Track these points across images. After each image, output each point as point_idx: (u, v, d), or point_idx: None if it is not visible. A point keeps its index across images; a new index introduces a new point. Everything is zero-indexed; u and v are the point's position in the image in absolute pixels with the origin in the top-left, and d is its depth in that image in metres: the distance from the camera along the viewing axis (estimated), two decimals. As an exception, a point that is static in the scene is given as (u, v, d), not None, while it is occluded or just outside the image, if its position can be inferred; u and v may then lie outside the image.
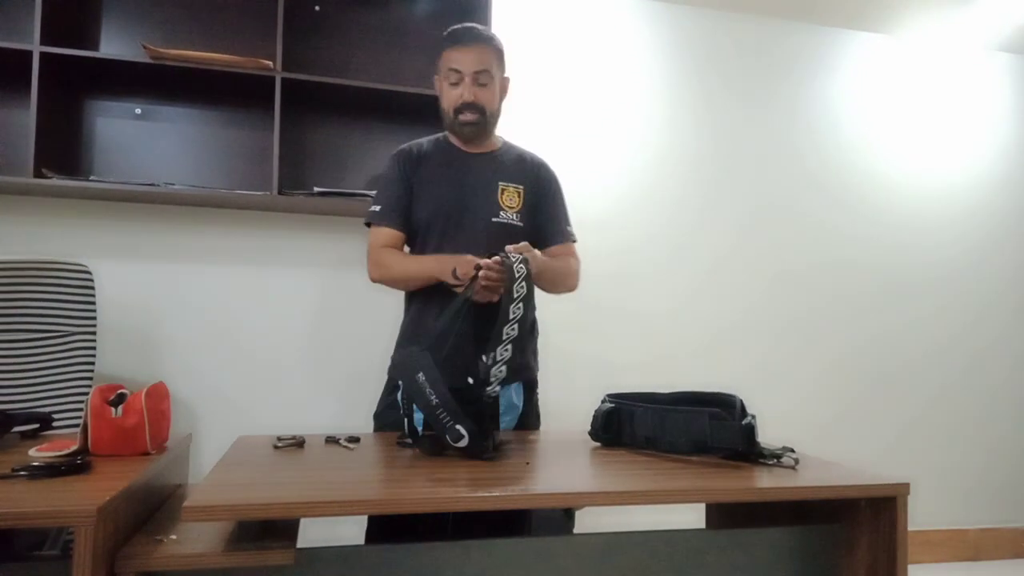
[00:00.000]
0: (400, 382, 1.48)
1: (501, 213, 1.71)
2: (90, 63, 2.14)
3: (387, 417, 1.70)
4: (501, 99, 1.78)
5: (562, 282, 1.78)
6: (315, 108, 2.42)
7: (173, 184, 2.24)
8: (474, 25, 1.71)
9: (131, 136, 2.32)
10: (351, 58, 2.47)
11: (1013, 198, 3.35)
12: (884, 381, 3.14)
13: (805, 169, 3.08)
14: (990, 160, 3.32)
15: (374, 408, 1.81)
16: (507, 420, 1.70)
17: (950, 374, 3.22)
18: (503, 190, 1.73)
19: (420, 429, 1.35)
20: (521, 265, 1.40)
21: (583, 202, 2.81)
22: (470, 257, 1.53)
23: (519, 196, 1.75)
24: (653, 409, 1.43)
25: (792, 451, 1.34)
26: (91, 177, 2.23)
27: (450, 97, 1.69)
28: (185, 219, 2.40)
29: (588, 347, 2.79)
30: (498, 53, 1.72)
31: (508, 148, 1.83)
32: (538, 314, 1.78)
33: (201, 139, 2.38)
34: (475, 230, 1.68)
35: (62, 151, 2.20)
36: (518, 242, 1.72)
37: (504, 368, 1.33)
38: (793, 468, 1.29)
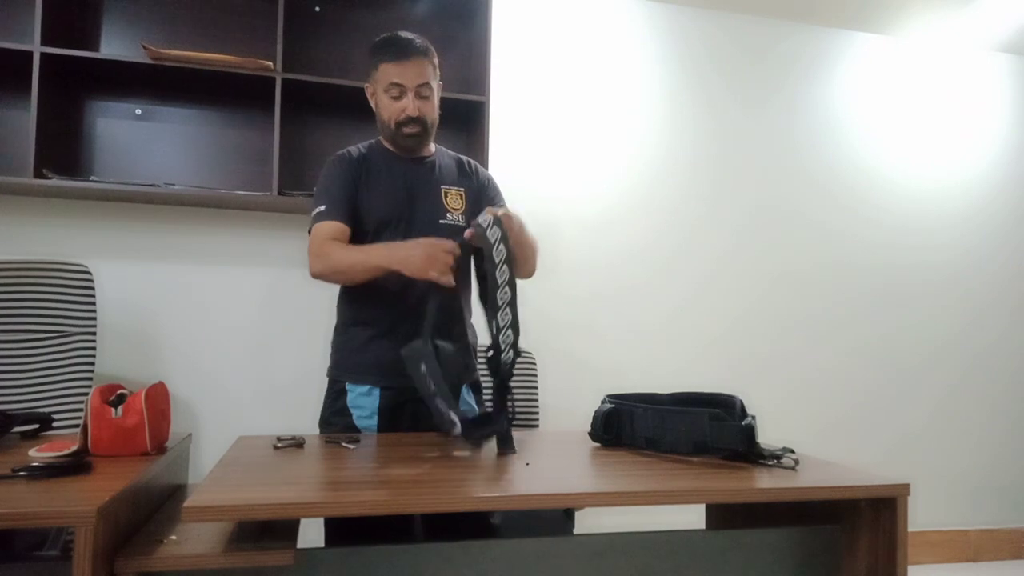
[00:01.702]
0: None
1: (447, 215, 1.73)
2: (90, 64, 2.14)
3: (337, 424, 1.66)
4: (438, 107, 1.79)
5: (531, 258, 1.74)
6: (315, 109, 2.42)
7: (173, 185, 2.24)
8: (409, 36, 1.70)
9: (131, 136, 2.32)
10: (351, 59, 2.47)
11: (1013, 199, 3.35)
12: (884, 383, 3.14)
13: (805, 171, 3.08)
14: (990, 161, 3.32)
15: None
16: None
17: (950, 375, 3.22)
18: (446, 193, 1.75)
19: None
20: (495, 228, 1.42)
21: (583, 204, 2.81)
22: (431, 242, 1.51)
23: (462, 198, 1.77)
24: (653, 410, 1.43)
25: (792, 452, 1.34)
26: (91, 177, 2.23)
27: (392, 110, 1.69)
28: (185, 220, 2.40)
29: (588, 348, 2.79)
30: (434, 63, 1.73)
31: (441, 152, 1.84)
32: (540, 313, 1.77)
33: (201, 140, 2.38)
34: (424, 233, 1.67)
35: (62, 151, 2.20)
36: (464, 244, 1.75)
37: (510, 333, 1.37)
38: (793, 469, 1.29)
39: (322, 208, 1.66)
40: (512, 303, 1.38)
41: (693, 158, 2.95)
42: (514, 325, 1.38)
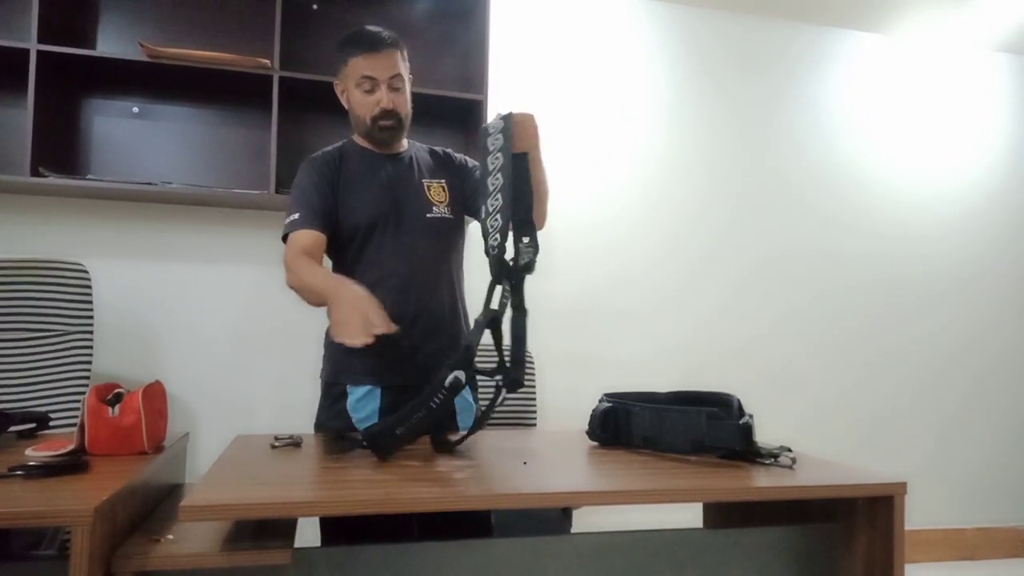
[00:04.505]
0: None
1: (433, 208, 1.72)
2: (87, 61, 2.13)
3: (335, 428, 1.64)
4: (410, 99, 1.77)
5: (542, 201, 1.66)
6: (313, 107, 2.41)
7: (170, 183, 2.24)
8: (377, 29, 1.69)
9: (128, 135, 2.31)
10: (349, 57, 2.46)
11: (1015, 202, 3.35)
12: (880, 381, 3.14)
13: (805, 171, 3.08)
14: (990, 163, 3.33)
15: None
16: (465, 419, 1.70)
17: (947, 374, 3.23)
18: (429, 187, 1.74)
19: None
20: (499, 120, 1.38)
21: (580, 203, 2.81)
22: (369, 310, 1.36)
23: (444, 190, 1.76)
24: (651, 409, 1.43)
25: (789, 450, 1.34)
26: (88, 176, 2.22)
27: (366, 104, 1.68)
28: (183, 218, 2.40)
29: (586, 346, 2.79)
30: (404, 54, 1.72)
31: (414, 146, 1.82)
32: (537, 311, 1.74)
33: (198, 138, 2.37)
34: (412, 229, 1.68)
35: (59, 150, 2.20)
36: (452, 237, 1.75)
37: (499, 218, 1.30)
38: (790, 467, 1.29)
39: (296, 216, 1.63)
40: (504, 190, 1.30)
41: (689, 157, 2.95)
42: (504, 212, 1.29)
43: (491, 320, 1.31)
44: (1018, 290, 3.33)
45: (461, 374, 1.27)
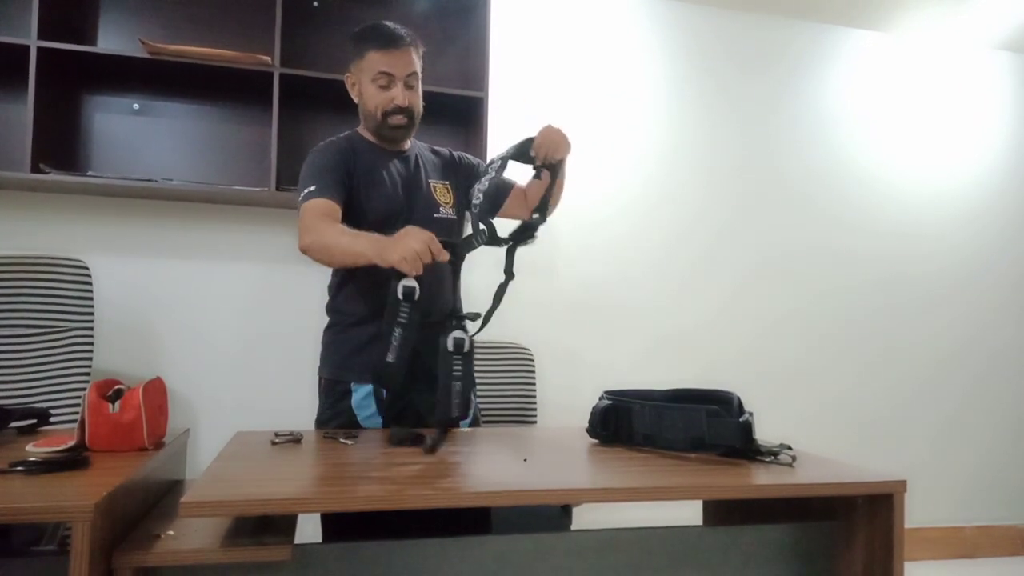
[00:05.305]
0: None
1: (440, 209, 1.72)
2: (88, 58, 2.13)
3: (339, 425, 1.63)
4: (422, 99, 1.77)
5: (561, 187, 1.80)
6: (313, 104, 2.41)
7: (171, 180, 2.24)
8: (395, 25, 1.68)
9: (129, 131, 2.31)
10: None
11: (1015, 201, 3.34)
12: (880, 380, 3.14)
13: (805, 170, 3.08)
14: (991, 162, 3.32)
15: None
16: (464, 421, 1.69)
17: (947, 374, 3.22)
18: (435, 187, 1.74)
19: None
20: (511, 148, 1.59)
21: (581, 200, 2.81)
22: (410, 232, 1.40)
23: (448, 192, 1.76)
24: (651, 406, 1.43)
25: (789, 448, 1.34)
26: (89, 172, 2.22)
27: (379, 99, 1.66)
28: (183, 215, 2.39)
29: (587, 344, 2.79)
30: (420, 53, 1.72)
31: (416, 144, 1.81)
32: (537, 308, 1.76)
33: (199, 135, 2.37)
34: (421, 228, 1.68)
35: (59, 146, 2.19)
36: (455, 238, 1.74)
37: (486, 183, 1.51)
38: (790, 465, 1.29)
39: (312, 188, 1.59)
40: (485, 192, 1.50)
41: (690, 155, 2.95)
42: (492, 181, 1.53)
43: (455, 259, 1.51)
44: (1018, 290, 3.33)
45: (409, 280, 1.39)
